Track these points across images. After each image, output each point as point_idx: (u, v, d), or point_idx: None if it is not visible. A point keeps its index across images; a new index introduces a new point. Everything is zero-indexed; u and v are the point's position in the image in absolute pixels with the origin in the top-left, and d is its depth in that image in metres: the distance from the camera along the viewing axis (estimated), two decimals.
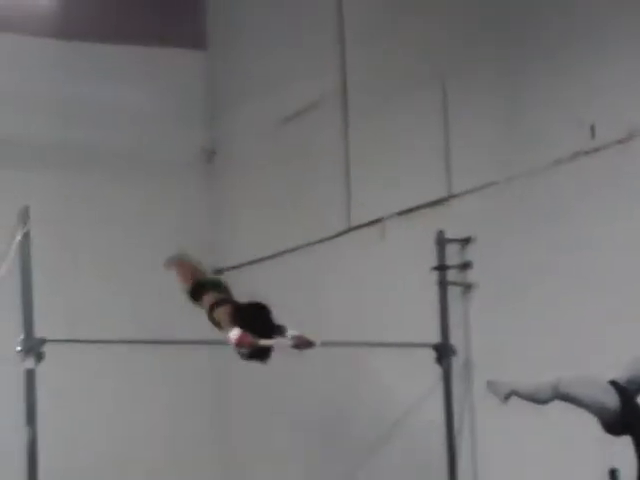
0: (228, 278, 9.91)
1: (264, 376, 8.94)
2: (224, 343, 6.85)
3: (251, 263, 9.61)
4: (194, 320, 9.51)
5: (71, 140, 9.51)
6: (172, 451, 9.52)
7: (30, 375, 6.60)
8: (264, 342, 6.61)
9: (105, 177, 9.64)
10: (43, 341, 6.63)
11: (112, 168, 9.67)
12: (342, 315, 8.52)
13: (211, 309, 6.87)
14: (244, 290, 9.70)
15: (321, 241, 8.79)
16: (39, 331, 6.70)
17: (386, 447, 8.11)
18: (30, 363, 6.56)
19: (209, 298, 6.90)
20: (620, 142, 6.44)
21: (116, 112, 9.72)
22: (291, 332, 6.80)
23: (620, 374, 5.29)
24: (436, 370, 7.52)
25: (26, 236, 6.69)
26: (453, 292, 7.57)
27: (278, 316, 8.95)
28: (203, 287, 7.02)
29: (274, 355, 6.62)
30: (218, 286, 7.07)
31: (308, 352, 7.04)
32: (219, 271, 10.03)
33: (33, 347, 6.58)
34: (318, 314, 8.71)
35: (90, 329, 8.61)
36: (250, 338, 6.57)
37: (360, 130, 8.57)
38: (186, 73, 10.14)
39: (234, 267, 9.86)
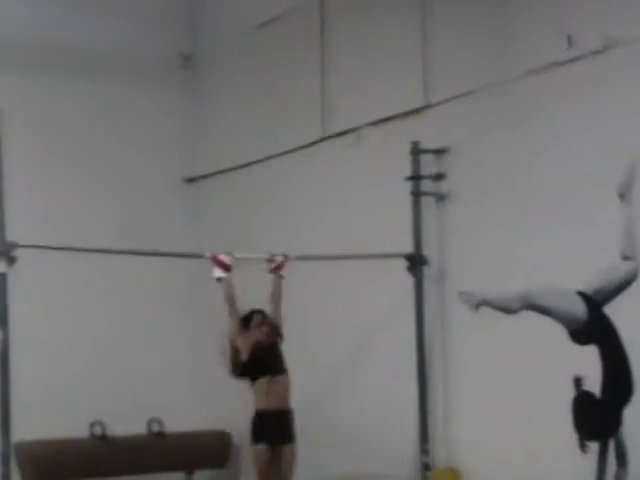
0: (202, 187, 9.98)
1: (241, 284, 8.99)
2: (200, 255, 6.87)
3: (227, 171, 9.57)
4: (172, 227, 9.61)
5: (48, 41, 9.35)
6: (147, 361, 9.55)
7: (2, 279, 6.60)
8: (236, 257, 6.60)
9: (82, 79, 9.50)
10: (15, 245, 6.61)
11: (89, 70, 9.52)
12: (316, 225, 8.52)
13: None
14: (218, 199, 9.80)
15: (296, 149, 8.75)
16: (13, 235, 6.68)
17: (359, 356, 8.19)
18: (2, 267, 6.55)
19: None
20: (596, 52, 6.40)
21: (94, 14, 9.56)
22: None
23: (588, 285, 5.33)
24: (409, 279, 7.57)
25: (0, 140, 6.61)
26: (427, 202, 7.58)
27: (254, 227, 9.05)
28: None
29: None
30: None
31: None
32: (192, 180, 10.02)
33: (5, 251, 6.56)
34: (292, 223, 8.72)
35: (68, 234, 8.56)
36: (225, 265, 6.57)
37: (336, 37, 8.47)
38: None
39: (210, 174, 9.82)
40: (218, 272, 6.68)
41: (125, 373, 9.38)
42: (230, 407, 9.42)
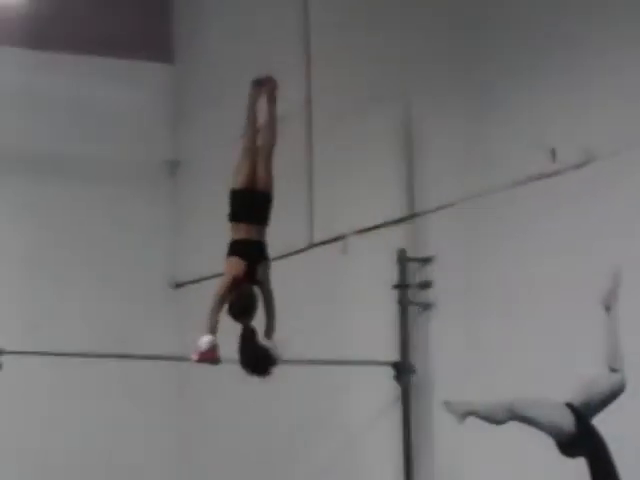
0: (189, 292, 9.99)
1: (223, 388, 8.96)
2: (185, 358, 6.84)
3: (213, 277, 9.59)
4: (157, 332, 9.59)
5: (35, 148, 9.49)
6: (129, 467, 9.47)
7: None
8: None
9: (68, 187, 9.63)
10: (1, 351, 6.59)
11: (75, 178, 9.66)
12: (302, 331, 8.53)
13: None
14: (204, 305, 9.80)
15: (283, 257, 8.77)
16: None
17: (342, 464, 8.13)
18: None
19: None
20: (578, 166, 6.54)
21: (83, 122, 9.72)
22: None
23: (576, 396, 5.34)
24: (395, 388, 7.57)
25: None
26: (413, 310, 7.62)
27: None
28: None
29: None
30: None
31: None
32: (179, 286, 10.04)
33: None
34: (278, 329, 8.70)
35: (51, 339, 8.55)
36: (213, 354, 6.50)
37: (324, 147, 8.61)
38: (153, 86, 10.17)
39: (195, 281, 9.85)
40: (204, 341, 6.56)
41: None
42: None
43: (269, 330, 6.67)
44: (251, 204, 6.66)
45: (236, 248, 6.60)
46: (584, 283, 6.33)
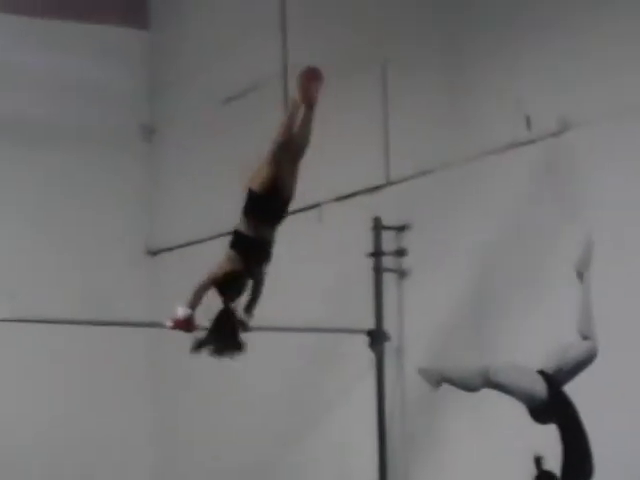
0: (164, 260, 9.98)
1: (196, 360, 8.95)
2: (160, 325, 6.82)
3: (188, 245, 9.58)
4: (131, 300, 9.56)
5: (8, 112, 9.39)
6: (103, 433, 9.50)
7: None
8: (200, 330, 6.55)
9: (42, 153, 9.54)
10: None
11: (49, 144, 9.57)
12: (277, 299, 8.52)
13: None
14: (179, 272, 9.78)
15: None
16: None
17: (317, 430, 8.16)
18: None
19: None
20: (554, 135, 6.53)
21: (57, 87, 9.65)
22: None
23: (547, 363, 5.37)
24: (370, 355, 7.58)
25: None
26: (388, 278, 7.63)
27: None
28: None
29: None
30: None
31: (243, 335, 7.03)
32: (154, 253, 10.02)
33: None
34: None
35: (25, 307, 8.51)
36: (188, 324, 6.49)
37: None
38: (128, 51, 10.08)
39: (170, 248, 9.82)
40: (181, 312, 6.55)
41: (78, 450, 9.30)
42: None
43: (250, 307, 6.60)
44: (268, 207, 6.33)
45: (240, 243, 6.35)
46: (559, 250, 6.35)
